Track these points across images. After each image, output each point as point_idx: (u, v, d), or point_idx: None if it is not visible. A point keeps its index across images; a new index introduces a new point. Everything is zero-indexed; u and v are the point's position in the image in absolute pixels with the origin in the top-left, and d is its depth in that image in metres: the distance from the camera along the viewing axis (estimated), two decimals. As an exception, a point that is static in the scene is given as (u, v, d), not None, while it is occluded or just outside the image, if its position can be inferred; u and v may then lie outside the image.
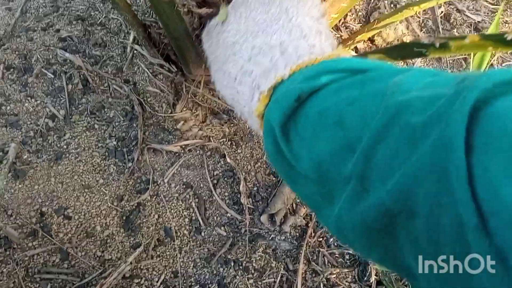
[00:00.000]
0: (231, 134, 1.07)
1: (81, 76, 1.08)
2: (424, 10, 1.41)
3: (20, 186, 0.94)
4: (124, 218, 0.92)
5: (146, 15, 1.22)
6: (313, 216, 0.99)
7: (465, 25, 1.41)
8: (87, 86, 1.07)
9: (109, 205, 0.93)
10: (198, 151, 1.03)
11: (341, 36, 1.30)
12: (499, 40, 0.51)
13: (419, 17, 1.39)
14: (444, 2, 1.47)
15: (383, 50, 0.75)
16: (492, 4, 1.49)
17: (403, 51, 0.71)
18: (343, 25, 1.34)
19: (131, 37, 1.16)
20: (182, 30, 0.92)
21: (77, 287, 0.82)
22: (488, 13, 1.45)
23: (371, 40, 1.32)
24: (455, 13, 1.43)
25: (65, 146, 0.98)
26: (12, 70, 1.07)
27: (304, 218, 0.98)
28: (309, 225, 0.97)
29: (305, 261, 0.93)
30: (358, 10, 1.39)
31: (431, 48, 0.64)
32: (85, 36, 1.16)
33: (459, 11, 1.44)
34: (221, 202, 0.97)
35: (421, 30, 1.37)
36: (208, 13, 0.96)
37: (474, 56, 0.93)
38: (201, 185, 0.99)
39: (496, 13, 1.46)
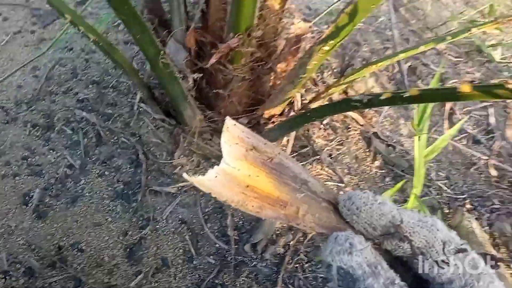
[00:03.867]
0: (221, 177, 1.25)
1: (95, 131, 1.28)
2: (392, 65, 1.61)
3: (42, 225, 1.12)
4: (128, 250, 1.09)
5: (151, 78, 1.44)
6: (290, 245, 1.14)
7: (429, 76, 1.60)
8: (100, 140, 1.27)
9: (116, 239, 1.10)
10: (192, 192, 1.21)
11: (318, 90, 1.49)
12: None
13: (388, 71, 1.59)
14: (412, 56, 1.67)
15: (327, 106, 0.95)
16: (455, 57, 1.68)
17: (341, 106, 0.90)
18: (320, 80, 1.55)
19: (138, 97, 1.37)
20: (179, 92, 1.12)
21: (88, 307, 0.99)
22: (451, 65, 1.64)
23: (345, 92, 1.51)
24: (420, 66, 1.63)
25: (80, 191, 1.17)
26: (37, 128, 1.28)
27: (283, 247, 1.14)
28: (287, 253, 1.13)
29: (282, 284, 1.08)
30: (334, 67, 1.59)
31: (362, 103, 0.83)
32: (99, 97, 1.38)
33: (424, 65, 1.64)
34: (211, 234, 1.14)
35: (389, 83, 1.56)
36: (199, 77, 1.17)
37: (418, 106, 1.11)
38: (194, 221, 1.16)
39: (459, 64, 1.66)
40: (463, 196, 1.30)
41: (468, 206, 1.27)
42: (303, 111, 1.26)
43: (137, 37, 0.92)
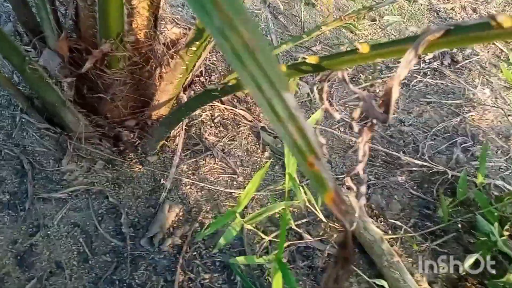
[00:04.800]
0: (114, 178, 1.26)
1: (-26, 145, 1.23)
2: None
3: None
4: (18, 257, 1.05)
5: (30, 90, 1.41)
6: (188, 235, 1.18)
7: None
8: (-20, 153, 1.22)
9: (5, 248, 1.06)
10: (84, 196, 1.20)
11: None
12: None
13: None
14: (290, 56, 1.81)
15: (194, 98, 1.02)
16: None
17: (204, 96, 0.99)
18: (208, 83, 1.62)
19: (19, 108, 1.33)
20: (55, 98, 1.13)
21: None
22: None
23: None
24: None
25: (-41, 205, 1.11)
26: None
27: (180, 238, 1.17)
28: (185, 242, 1.16)
29: (181, 272, 1.11)
30: (220, 70, 1.68)
31: (219, 91, 0.91)
32: (-24, 112, 1.32)
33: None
34: (106, 234, 1.14)
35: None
36: (80, 83, 1.18)
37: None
38: (88, 223, 1.16)
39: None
40: (343, 176, 1.43)
41: (347, 184, 1.40)
42: (178, 107, 1.33)
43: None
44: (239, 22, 0.30)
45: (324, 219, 1.24)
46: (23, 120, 1.31)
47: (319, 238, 1.24)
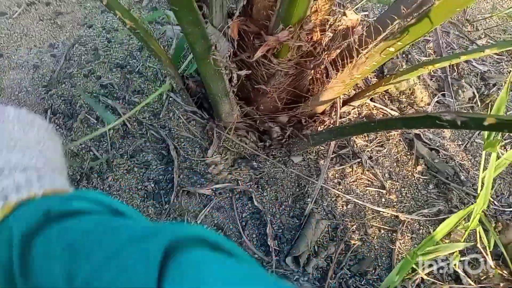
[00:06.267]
0: (258, 177, 1.17)
1: (122, 121, 1.18)
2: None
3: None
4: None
5: (177, 64, 1.33)
6: (333, 258, 1.07)
7: (472, 74, 1.51)
8: (126, 131, 1.17)
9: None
10: (227, 194, 1.12)
11: (359, 87, 1.40)
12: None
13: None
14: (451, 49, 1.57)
15: (402, 118, 0.85)
16: (497, 55, 1.59)
17: (424, 121, 0.81)
18: (360, 75, 1.44)
19: (167, 85, 1.26)
20: (222, 88, 1.02)
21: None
22: (493, 63, 1.55)
23: (386, 90, 1.42)
24: (462, 64, 1.53)
25: (108, 188, 1.07)
26: (58, 115, 1.17)
27: (325, 260, 1.07)
28: (330, 266, 1.06)
29: (326, 301, 1.01)
30: (373, 60, 1.49)
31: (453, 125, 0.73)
32: (124, 83, 1.26)
33: (466, 62, 1.54)
34: (249, 243, 1.06)
35: (431, 79, 1.47)
36: (247, 74, 1.06)
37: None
38: (231, 227, 1.08)
39: (502, 63, 1.56)
40: (511, 209, 1.23)
41: (517, 220, 1.21)
42: (365, 120, 1.17)
43: (188, 31, 0.81)
44: None
45: (492, 264, 1.07)
46: (170, 99, 1.24)
47: (481, 285, 1.08)
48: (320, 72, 1.15)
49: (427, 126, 0.93)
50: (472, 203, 1.23)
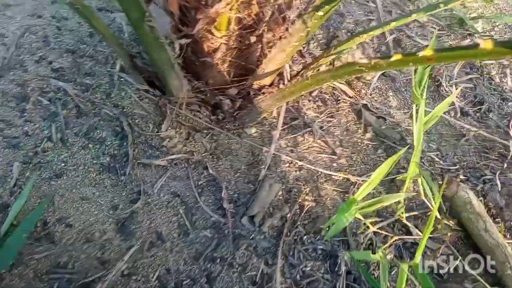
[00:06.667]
0: (212, 149, 1.20)
1: (74, 102, 1.19)
2: (377, 37, 1.60)
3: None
4: (119, 224, 1.02)
5: (130, 47, 1.36)
6: (288, 218, 1.11)
7: (415, 48, 1.60)
8: (80, 111, 1.19)
9: (106, 213, 1.03)
10: (183, 165, 1.15)
11: (305, 61, 1.46)
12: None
13: (373, 44, 1.58)
14: (396, 29, 1.66)
15: (330, 70, 0.92)
16: (438, 30, 1.69)
17: (345, 70, 0.88)
18: (307, 52, 1.51)
19: (118, 67, 1.29)
20: (165, 59, 1.06)
21: (81, 284, 0.92)
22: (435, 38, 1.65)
23: (332, 64, 1.48)
24: (405, 39, 1.62)
25: (63, 164, 1.09)
26: (10, 98, 1.18)
27: (280, 220, 1.11)
28: (285, 225, 1.10)
29: (282, 257, 1.05)
30: (320, 39, 1.56)
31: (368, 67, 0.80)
32: (75, 66, 1.28)
33: (409, 37, 1.63)
34: (206, 208, 1.09)
35: (375, 54, 1.55)
36: (192, 48, 1.11)
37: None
38: (187, 194, 1.11)
39: (442, 37, 1.66)
40: (456, 167, 1.31)
41: (461, 177, 1.28)
42: (298, 78, 1.22)
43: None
44: None
45: (438, 215, 1.14)
46: (121, 79, 1.26)
47: (430, 235, 1.14)
48: (261, 44, 1.19)
49: (351, 74, 1.00)
50: (420, 164, 1.30)
